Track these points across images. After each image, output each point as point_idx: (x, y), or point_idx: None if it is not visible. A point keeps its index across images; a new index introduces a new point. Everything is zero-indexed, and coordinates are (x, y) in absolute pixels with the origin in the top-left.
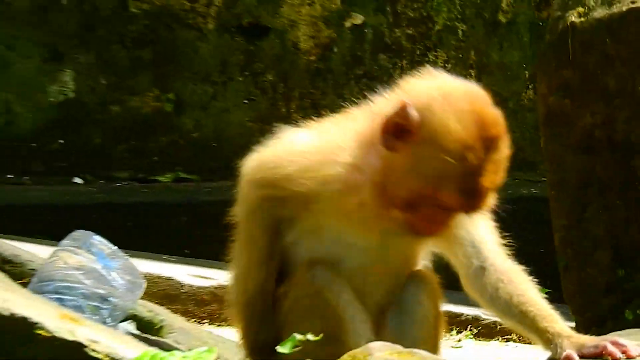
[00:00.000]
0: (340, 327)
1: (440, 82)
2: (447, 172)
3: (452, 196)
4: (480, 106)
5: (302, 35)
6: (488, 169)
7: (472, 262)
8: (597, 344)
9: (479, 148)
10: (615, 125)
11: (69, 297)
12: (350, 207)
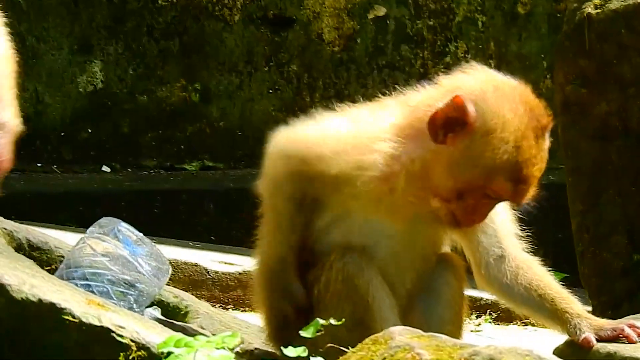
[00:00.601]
0: (368, 313)
1: (486, 76)
2: (503, 162)
3: (504, 185)
4: (529, 98)
5: (326, 27)
6: (538, 158)
7: (492, 251)
8: (614, 327)
9: (531, 137)
10: (630, 114)
11: (96, 283)
12: (382, 194)
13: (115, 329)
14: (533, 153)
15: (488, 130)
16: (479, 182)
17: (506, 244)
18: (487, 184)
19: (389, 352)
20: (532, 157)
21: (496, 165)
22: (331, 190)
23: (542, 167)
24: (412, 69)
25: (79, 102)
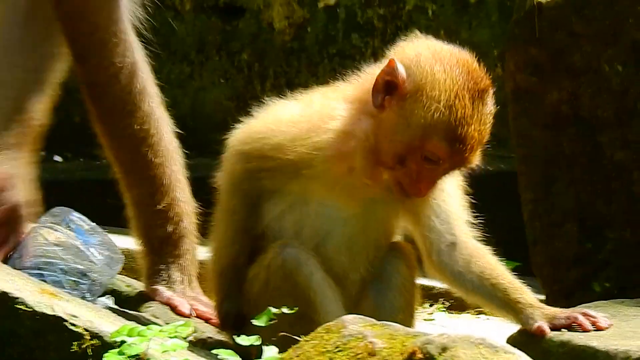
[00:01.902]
0: (310, 308)
1: (426, 43)
2: (435, 121)
3: (440, 145)
4: (468, 61)
5: (277, 16)
6: (474, 120)
7: (444, 237)
8: (568, 316)
9: (466, 98)
10: (582, 102)
11: (49, 273)
12: (339, 174)
13: (68, 318)
14: (467, 113)
15: (418, 89)
16: (415, 143)
17: (458, 231)
18: (423, 144)
19: (341, 340)
20: (467, 117)
21: (428, 123)
22: (290, 177)
23: (482, 129)
24: (362, 58)
25: None
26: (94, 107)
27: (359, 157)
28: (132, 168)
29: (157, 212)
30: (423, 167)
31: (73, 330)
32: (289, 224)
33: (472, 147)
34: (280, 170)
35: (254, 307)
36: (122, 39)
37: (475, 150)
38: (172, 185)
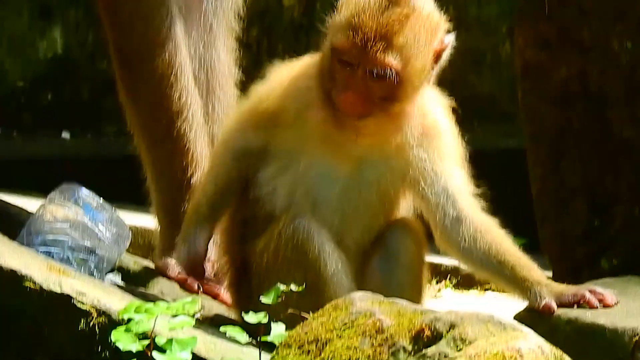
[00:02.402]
0: (320, 280)
1: None
2: (341, 19)
3: (342, 39)
4: None
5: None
6: (378, 14)
7: (448, 212)
8: (575, 293)
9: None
10: (590, 78)
11: (57, 250)
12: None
13: (76, 295)
14: (370, 7)
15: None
16: (329, 48)
17: (462, 205)
18: (333, 46)
19: (349, 317)
20: (368, 10)
21: (336, 24)
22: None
23: (383, 21)
24: None
25: (40, 67)
26: (130, 78)
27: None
28: (164, 140)
29: (187, 185)
30: (342, 73)
31: (81, 307)
32: (281, 187)
33: (375, 40)
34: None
35: (264, 279)
36: (169, 9)
37: (382, 49)
38: (202, 160)
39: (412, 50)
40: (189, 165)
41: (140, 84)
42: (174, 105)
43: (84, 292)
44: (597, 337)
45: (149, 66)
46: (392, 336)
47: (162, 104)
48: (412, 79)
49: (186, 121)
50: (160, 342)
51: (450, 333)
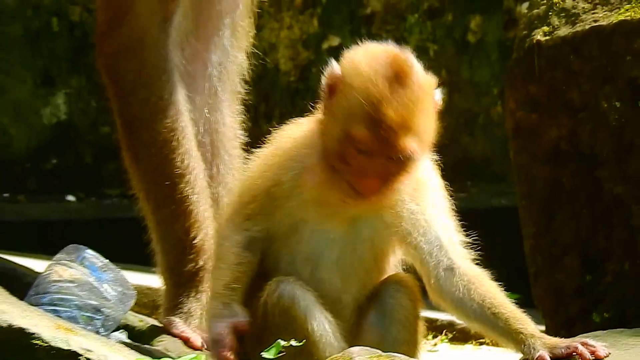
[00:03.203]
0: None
1: (370, 44)
2: (354, 108)
3: (363, 133)
4: (395, 53)
5: (282, 57)
6: (392, 102)
7: (441, 260)
8: (568, 345)
9: (380, 82)
10: (580, 138)
11: (64, 309)
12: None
13: (83, 353)
14: (383, 96)
15: (347, 85)
16: (342, 135)
17: (454, 255)
18: (349, 134)
19: None
20: (383, 100)
21: (348, 112)
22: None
23: (404, 115)
24: None
25: (44, 134)
26: (133, 143)
27: (320, 167)
28: (167, 203)
29: (190, 246)
30: (360, 160)
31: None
32: (283, 254)
33: (396, 131)
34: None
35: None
36: (170, 76)
37: (402, 136)
38: (205, 221)
39: (425, 126)
40: (191, 226)
41: (143, 149)
42: (177, 168)
43: (92, 350)
44: None
45: (151, 131)
46: None
47: (165, 167)
48: (425, 151)
49: (189, 184)
50: None
51: None
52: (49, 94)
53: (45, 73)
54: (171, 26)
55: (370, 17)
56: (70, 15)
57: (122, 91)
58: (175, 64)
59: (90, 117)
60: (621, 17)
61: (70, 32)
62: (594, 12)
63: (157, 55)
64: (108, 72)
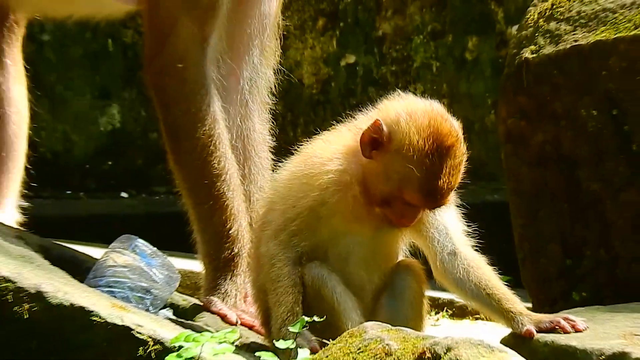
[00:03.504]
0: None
1: (406, 102)
2: (409, 176)
3: (415, 196)
4: (437, 121)
5: (306, 73)
6: (443, 173)
7: (444, 247)
8: (551, 320)
9: (434, 155)
10: (562, 142)
11: (118, 290)
12: (346, 203)
13: (135, 327)
14: (436, 169)
15: (398, 149)
16: (395, 192)
17: (457, 241)
18: (401, 194)
19: (363, 343)
20: (436, 173)
21: (404, 178)
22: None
23: (451, 180)
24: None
25: (101, 140)
26: (176, 148)
27: (356, 187)
28: (207, 199)
29: (227, 236)
30: (404, 208)
31: (139, 337)
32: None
33: (444, 195)
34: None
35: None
36: (207, 90)
37: (447, 196)
38: (239, 214)
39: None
40: (228, 219)
41: (185, 153)
42: (214, 169)
43: (142, 325)
44: (570, 357)
45: (192, 138)
46: (398, 358)
47: (204, 168)
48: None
49: (225, 182)
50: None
51: (448, 355)
52: (105, 105)
53: (102, 88)
54: (208, 47)
55: (382, 38)
56: (123, 37)
57: (167, 103)
58: (212, 79)
59: (141, 125)
60: (598, 37)
61: (123, 52)
62: (575, 34)
63: (197, 72)
64: (155, 87)
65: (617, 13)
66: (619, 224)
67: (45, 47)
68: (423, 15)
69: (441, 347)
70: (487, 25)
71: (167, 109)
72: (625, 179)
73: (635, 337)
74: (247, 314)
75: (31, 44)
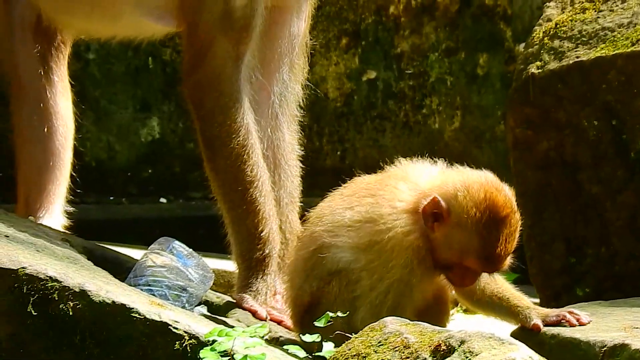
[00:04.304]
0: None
1: (462, 175)
2: (469, 246)
3: (476, 263)
4: (492, 193)
5: (330, 87)
6: (500, 241)
7: None
8: (558, 314)
9: (491, 226)
10: (565, 149)
11: (157, 288)
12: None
13: (172, 323)
14: (493, 238)
15: (458, 222)
16: (456, 260)
17: None
18: (463, 262)
19: (383, 337)
20: (494, 242)
21: (464, 248)
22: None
23: (508, 247)
24: (396, 119)
25: (141, 149)
26: (212, 157)
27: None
28: (240, 204)
29: (259, 238)
30: (465, 272)
31: (176, 332)
32: None
33: (501, 260)
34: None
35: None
36: (241, 104)
37: (505, 260)
38: (270, 218)
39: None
40: (259, 222)
41: (221, 161)
42: (247, 176)
43: (178, 321)
44: (575, 349)
45: (227, 148)
46: (416, 350)
47: (238, 176)
48: None
49: (257, 189)
50: (238, 358)
51: (461, 347)
52: (146, 117)
53: (143, 101)
54: (242, 64)
55: (400, 55)
56: (162, 55)
57: (204, 116)
58: (245, 94)
59: (179, 136)
60: (598, 54)
61: (162, 69)
62: (577, 50)
63: (231, 87)
64: (193, 100)
65: (616, 32)
66: (617, 223)
67: (90, 65)
68: (438, 34)
69: (455, 340)
70: (496, 43)
71: (204, 120)
72: (623, 183)
73: (635, 329)
74: (276, 310)
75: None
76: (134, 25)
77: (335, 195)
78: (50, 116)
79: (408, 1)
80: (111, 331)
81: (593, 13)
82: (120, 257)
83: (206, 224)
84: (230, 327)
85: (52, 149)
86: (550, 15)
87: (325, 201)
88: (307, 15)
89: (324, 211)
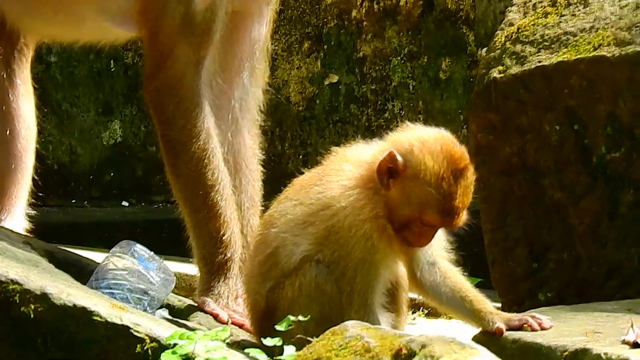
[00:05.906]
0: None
1: (415, 131)
2: (428, 199)
3: (434, 217)
4: (449, 146)
5: (293, 91)
6: (459, 193)
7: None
8: (520, 318)
9: (449, 178)
10: (528, 154)
11: (118, 291)
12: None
13: (133, 326)
14: (452, 190)
15: (414, 175)
16: (414, 215)
17: (437, 254)
18: (421, 216)
19: (344, 340)
20: (452, 194)
21: (423, 202)
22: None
23: (465, 200)
24: (359, 123)
25: (104, 152)
26: (173, 161)
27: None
28: (202, 208)
29: (220, 241)
30: (422, 228)
31: (137, 335)
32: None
33: (459, 214)
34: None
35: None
36: (202, 108)
37: (462, 214)
38: (232, 222)
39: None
40: (221, 226)
41: (182, 165)
42: (208, 180)
43: (140, 324)
44: (536, 353)
45: (188, 152)
46: (377, 354)
47: (199, 180)
48: None
49: (218, 192)
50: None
51: (422, 351)
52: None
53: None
54: (203, 69)
55: (363, 59)
56: (124, 58)
57: (165, 120)
58: (206, 98)
59: (140, 139)
60: (560, 58)
61: (124, 72)
62: (539, 55)
63: (192, 92)
64: (153, 104)
65: (578, 36)
66: (580, 229)
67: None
68: (400, 38)
69: (416, 344)
70: (459, 47)
71: (165, 125)
72: (586, 188)
73: (596, 334)
74: (238, 313)
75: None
76: (97, 30)
77: (281, 198)
78: (12, 119)
79: (370, 5)
80: (73, 334)
81: (555, 17)
82: (82, 260)
83: (168, 227)
84: (191, 330)
85: (14, 152)
86: (513, 19)
87: (272, 207)
88: (269, 19)
89: (273, 215)
